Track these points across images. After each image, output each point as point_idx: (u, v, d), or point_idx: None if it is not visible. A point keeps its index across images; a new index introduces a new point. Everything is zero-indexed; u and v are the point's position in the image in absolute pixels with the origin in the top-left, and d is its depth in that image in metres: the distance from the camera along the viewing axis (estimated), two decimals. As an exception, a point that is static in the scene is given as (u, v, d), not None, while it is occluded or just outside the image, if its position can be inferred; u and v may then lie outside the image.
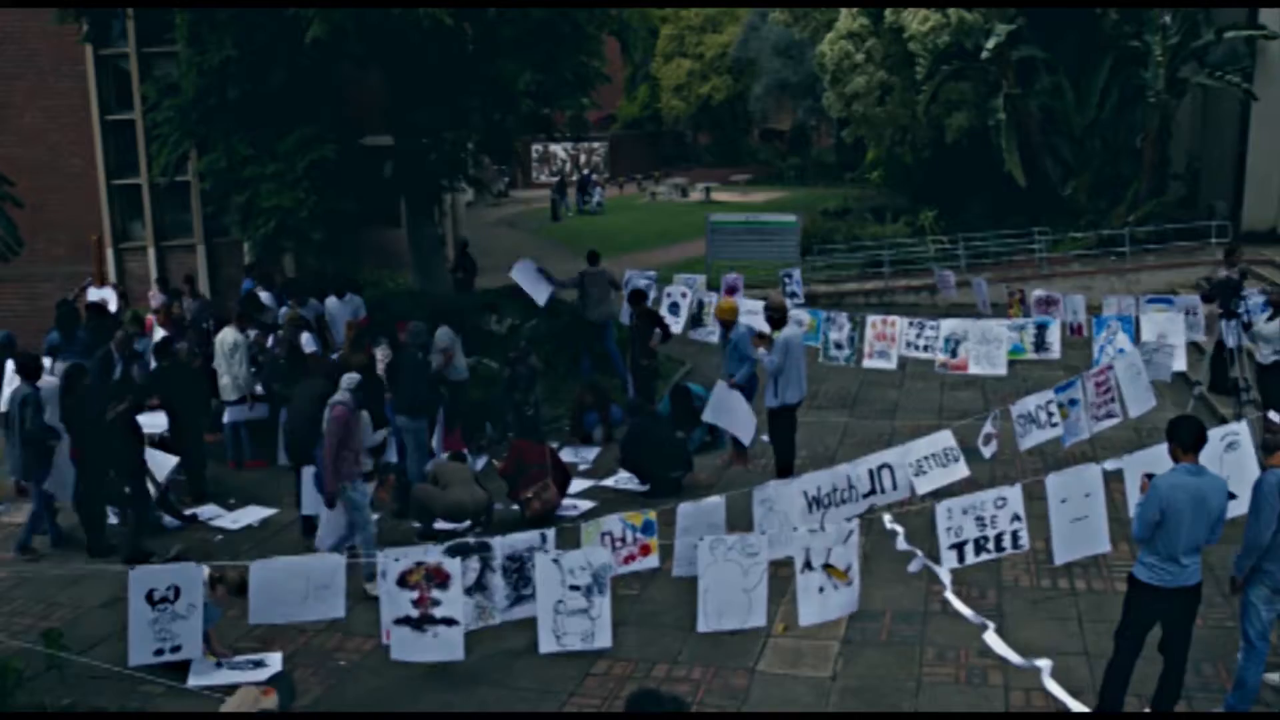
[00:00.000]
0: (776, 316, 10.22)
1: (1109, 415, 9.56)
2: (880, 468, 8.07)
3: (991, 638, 5.62)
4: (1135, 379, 9.54)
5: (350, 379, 8.48)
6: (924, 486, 8.22)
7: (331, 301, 13.81)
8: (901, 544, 6.39)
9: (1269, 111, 19.74)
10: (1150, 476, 5.95)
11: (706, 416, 10.83)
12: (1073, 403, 9.50)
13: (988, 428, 9.70)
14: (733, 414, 10.53)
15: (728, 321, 11.09)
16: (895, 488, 8.04)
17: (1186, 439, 5.80)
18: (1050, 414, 9.52)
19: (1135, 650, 6.02)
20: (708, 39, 45.92)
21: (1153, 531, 5.73)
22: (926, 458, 8.24)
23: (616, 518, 6.85)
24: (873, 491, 8.10)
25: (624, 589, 7.82)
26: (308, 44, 12.47)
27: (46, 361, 12.07)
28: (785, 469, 9.92)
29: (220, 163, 14.84)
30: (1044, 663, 5.46)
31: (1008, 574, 8.23)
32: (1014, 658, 5.62)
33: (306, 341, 11.71)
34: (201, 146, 15.35)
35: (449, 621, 6.15)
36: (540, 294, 13.77)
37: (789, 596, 7.13)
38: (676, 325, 13.20)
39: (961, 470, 8.33)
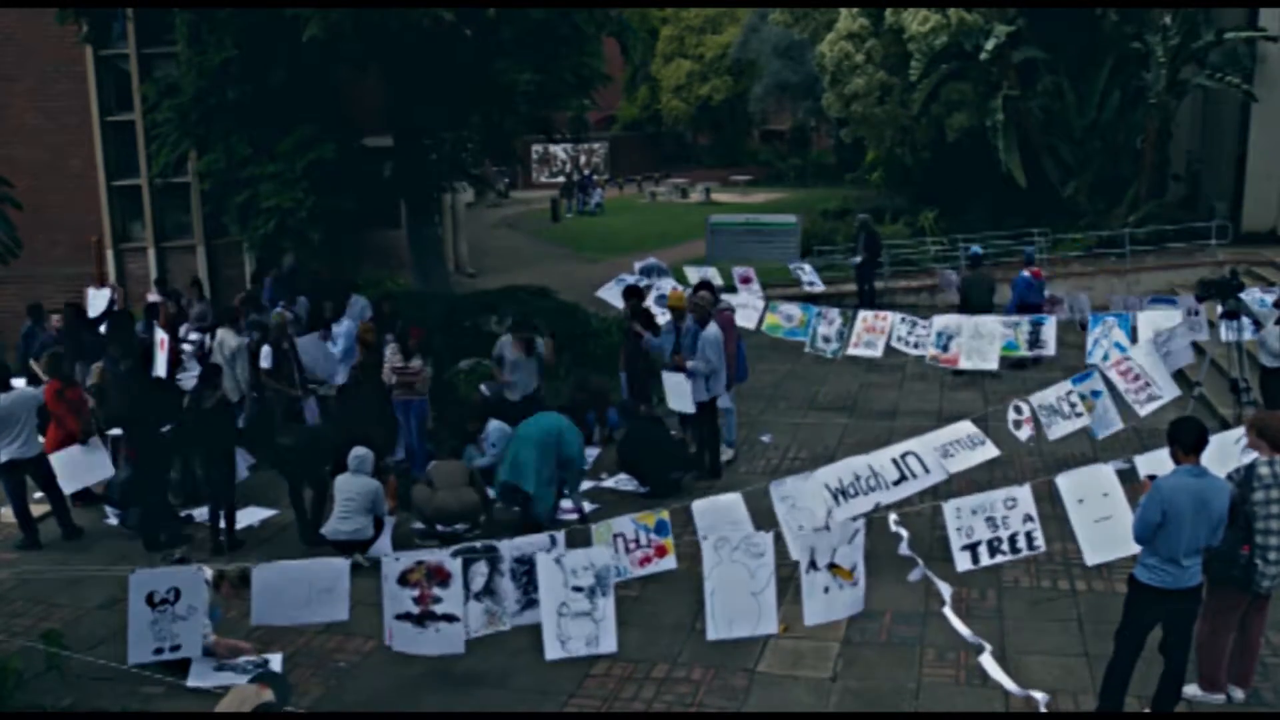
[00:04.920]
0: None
1: (1151, 399, 9.44)
2: (905, 455, 7.95)
3: (988, 661, 5.58)
4: (1156, 366, 9.50)
5: None
6: (954, 466, 8.05)
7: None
8: (904, 550, 6.33)
9: (1269, 113, 19.75)
10: (1152, 478, 5.94)
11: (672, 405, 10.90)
12: (1095, 394, 9.37)
13: (1014, 414, 9.56)
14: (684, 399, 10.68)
15: (679, 310, 11.25)
16: (927, 471, 7.90)
17: (1188, 440, 5.79)
18: (1073, 404, 9.39)
19: (1135, 651, 6.02)
20: (708, 40, 45.92)
21: (1154, 533, 5.72)
22: (952, 443, 8.12)
23: (628, 519, 6.70)
24: (903, 478, 7.93)
25: (624, 589, 7.81)
26: (306, 44, 12.47)
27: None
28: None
29: (220, 163, 14.87)
30: (1041, 695, 5.43)
31: (1007, 575, 8.21)
32: (1011, 686, 5.58)
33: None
34: (201, 146, 15.38)
35: (450, 618, 6.13)
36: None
37: (790, 596, 7.13)
38: (662, 317, 13.24)
39: (991, 451, 8.19)
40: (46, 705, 6.69)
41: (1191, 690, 6.34)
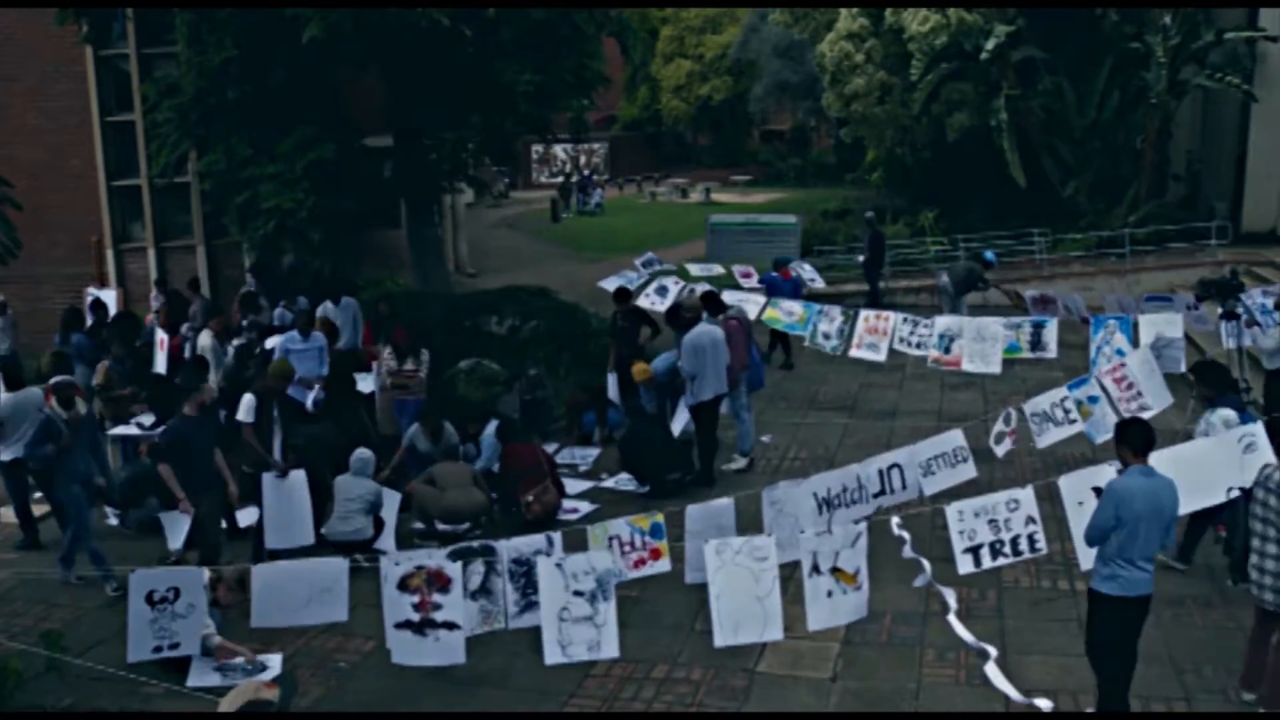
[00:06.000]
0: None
1: (1142, 409, 9.45)
2: (890, 468, 7.98)
3: (992, 670, 5.57)
4: (1150, 375, 9.49)
5: None
6: (931, 488, 8.07)
7: (328, 306, 13.64)
8: (908, 552, 6.31)
9: (1269, 113, 19.75)
10: (1099, 491, 5.93)
11: None
12: (1092, 399, 9.36)
13: (1000, 425, 9.56)
14: None
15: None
16: (904, 488, 7.93)
17: (1137, 442, 5.78)
18: (1067, 411, 9.37)
19: (1131, 663, 5.92)
20: (708, 40, 45.92)
21: (1107, 537, 5.70)
22: (935, 458, 8.07)
23: (623, 521, 6.66)
24: (882, 492, 7.97)
25: (624, 590, 7.79)
26: (306, 44, 12.48)
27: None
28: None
29: (220, 163, 14.86)
30: (1044, 703, 5.43)
31: (1007, 575, 8.20)
32: (1014, 694, 5.57)
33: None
34: (201, 147, 15.37)
35: (450, 626, 6.10)
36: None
37: (789, 597, 7.12)
38: (663, 305, 13.21)
39: (970, 471, 8.19)
40: (46, 705, 6.69)
41: None
